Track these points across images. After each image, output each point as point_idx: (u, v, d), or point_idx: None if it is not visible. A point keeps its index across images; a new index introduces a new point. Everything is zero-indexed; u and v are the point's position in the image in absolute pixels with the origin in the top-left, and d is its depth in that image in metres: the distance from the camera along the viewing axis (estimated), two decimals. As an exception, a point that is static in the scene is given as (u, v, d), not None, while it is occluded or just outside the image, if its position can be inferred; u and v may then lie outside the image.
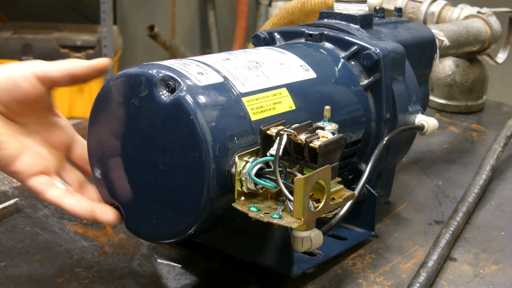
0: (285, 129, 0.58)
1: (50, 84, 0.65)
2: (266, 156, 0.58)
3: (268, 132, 0.59)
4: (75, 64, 0.65)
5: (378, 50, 0.75)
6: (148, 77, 0.60)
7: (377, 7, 0.90)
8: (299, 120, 0.61)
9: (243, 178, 0.59)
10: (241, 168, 0.59)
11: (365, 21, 0.82)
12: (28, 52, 2.50)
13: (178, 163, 0.59)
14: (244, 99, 0.62)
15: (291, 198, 0.56)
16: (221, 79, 0.62)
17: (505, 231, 0.84)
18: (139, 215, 0.63)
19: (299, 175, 0.56)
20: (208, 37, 3.41)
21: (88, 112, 0.65)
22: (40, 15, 2.90)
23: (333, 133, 0.60)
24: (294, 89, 0.68)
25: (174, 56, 3.14)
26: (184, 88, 0.59)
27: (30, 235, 0.77)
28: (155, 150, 0.60)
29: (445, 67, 1.32)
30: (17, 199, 0.84)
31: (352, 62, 0.77)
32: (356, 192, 0.69)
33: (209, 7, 3.35)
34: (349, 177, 0.79)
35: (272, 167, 0.58)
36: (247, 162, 0.59)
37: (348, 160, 0.77)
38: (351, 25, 0.81)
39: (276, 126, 0.59)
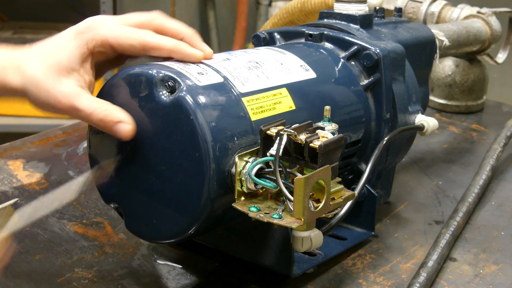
0: (285, 129, 0.58)
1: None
2: (266, 156, 0.58)
3: (268, 132, 0.59)
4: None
5: (378, 50, 0.75)
6: (148, 77, 0.60)
7: (377, 7, 0.90)
8: (299, 120, 0.61)
9: (243, 178, 0.59)
10: (241, 168, 0.59)
11: (365, 21, 0.82)
12: (28, 52, 2.50)
13: (178, 163, 0.59)
14: (244, 99, 0.62)
15: (291, 198, 0.56)
16: (221, 79, 0.62)
17: (505, 231, 0.84)
18: (139, 215, 0.63)
19: (299, 175, 0.56)
20: (208, 37, 3.40)
21: (88, 112, 0.65)
22: (40, 15, 2.89)
23: (333, 133, 0.60)
24: (294, 89, 0.68)
25: (174, 56, 3.13)
26: (184, 88, 0.59)
27: (30, 235, 0.77)
28: (155, 150, 0.60)
29: (445, 67, 1.32)
30: (17, 199, 0.84)
31: (352, 62, 0.77)
32: (356, 192, 0.69)
33: (209, 7, 3.34)
34: (349, 177, 0.79)
35: (272, 167, 0.58)
36: (247, 162, 0.59)
37: (348, 160, 0.76)
38: (351, 25, 0.81)
39: (276, 126, 0.59)
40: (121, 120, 0.60)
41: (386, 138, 0.75)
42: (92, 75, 0.65)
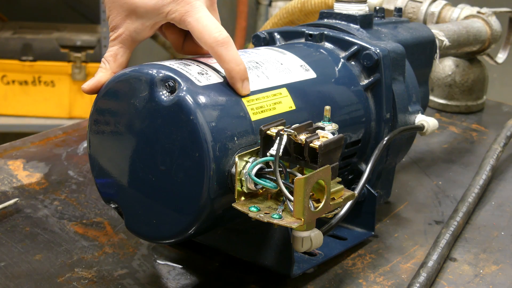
0: (285, 129, 0.58)
1: None
2: (266, 156, 0.58)
3: (268, 132, 0.59)
4: None
5: (378, 50, 0.75)
6: (148, 77, 0.60)
7: (377, 7, 0.90)
8: (299, 120, 0.61)
9: (243, 178, 0.59)
10: (241, 168, 0.59)
11: (365, 21, 0.82)
12: (28, 52, 2.50)
13: (178, 163, 0.59)
14: (244, 99, 0.62)
15: (291, 198, 0.56)
16: (221, 79, 0.62)
17: (505, 231, 0.84)
18: (139, 215, 0.63)
19: (299, 175, 0.56)
20: (208, 37, 3.39)
21: (88, 112, 0.65)
22: (40, 15, 2.89)
23: (333, 133, 0.60)
24: (294, 89, 0.68)
25: (174, 56, 3.14)
26: (184, 88, 0.59)
27: (30, 235, 0.77)
28: (155, 150, 0.60)
29: (445, 67, 1.32)
30: (17, 199, 0.84)
31: (352, 62, 0.77)
32: (356, 192, 0.69)
33: (209, 7, 3.34)
34: (349, 177, 0.79)
35: (272, 167, 0.58)
36: (247, 162, 0.59)
37: (348, 160, 0.77)
38: (351, 25, 0.81)
39: (276, 126, 0.59)
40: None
41: (386, 138, 0.75)
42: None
